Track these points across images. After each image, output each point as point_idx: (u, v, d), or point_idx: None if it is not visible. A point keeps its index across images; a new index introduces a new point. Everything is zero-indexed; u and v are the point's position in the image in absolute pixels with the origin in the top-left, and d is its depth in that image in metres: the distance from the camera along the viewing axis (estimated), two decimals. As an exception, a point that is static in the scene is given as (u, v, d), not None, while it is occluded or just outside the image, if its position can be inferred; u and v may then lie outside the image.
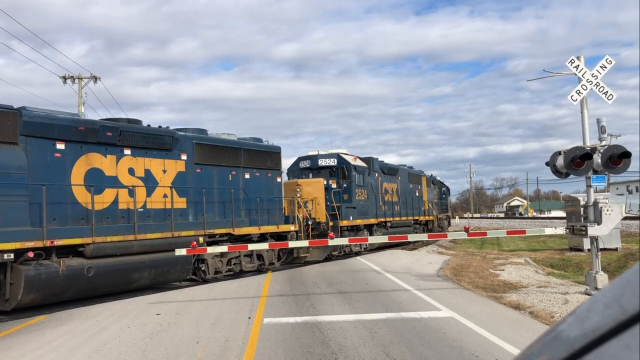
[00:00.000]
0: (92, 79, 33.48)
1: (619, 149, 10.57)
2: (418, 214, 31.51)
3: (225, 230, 16.45)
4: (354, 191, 23.00)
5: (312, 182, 22.24)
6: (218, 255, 16.02)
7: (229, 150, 17.35)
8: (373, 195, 24.94)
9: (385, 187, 27.09)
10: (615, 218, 11.13)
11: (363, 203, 23.77)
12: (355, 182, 23.12)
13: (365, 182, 24.16)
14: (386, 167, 27.77)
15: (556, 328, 0.85)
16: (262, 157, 18.70)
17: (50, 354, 7.69)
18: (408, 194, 30.32)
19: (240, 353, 7.18)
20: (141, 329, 8.98)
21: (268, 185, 18.70)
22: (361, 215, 23.44)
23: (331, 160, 23.35)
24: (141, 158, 14.44)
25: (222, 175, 16.88)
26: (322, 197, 21.72)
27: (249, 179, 17.87)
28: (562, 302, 10.23)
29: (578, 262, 19.40)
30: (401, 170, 30.23)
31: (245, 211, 17.50)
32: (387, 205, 26.99)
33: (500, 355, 6.69)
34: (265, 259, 18.17)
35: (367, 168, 24.83)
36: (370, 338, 7.80)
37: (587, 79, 11.36)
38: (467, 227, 13.16)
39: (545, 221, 55.05)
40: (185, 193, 15.52)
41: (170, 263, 14.28)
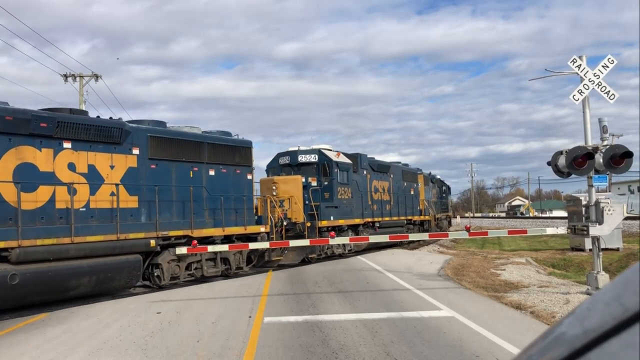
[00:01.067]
0: (93, 77, 33.51)
1: (620, 149, 10.55)
2: (412, 214, 30.01)
3: (183, 232, 14.89)
4: (336, 189, 21.60)
5: (289, 180, 20.78)
6: (174, 260, 14.67)
7: (190, 144, 15.76)
8: (359, 193, 23.56)
9: (375, 185, 25.76)
10: (617, 218, 11.12)
11: (347, 202, 22.34)
12: (337, 179, 21.72)
13: (349, 179, 22.70)
14: (376, 164, 26.42)
15: (557, 327, 0.84)
16: (230, 152, 17.08)
17: (51, 352, 7.69)
18: (401, 193, 28.88)
19: (240, 352, 7.19)
20: (142, 328, 8.98)
21: (236, 183, 17.15)
22: (344, 215, 22.05)
23: (312, 157, 21.87)
24: (84, 152, 12.91)
25: (182, 172, 15.34)
26: (299, 196, 20.37)
27: (214, 175, 16.31)
28: (564, 302, 10.22)
29: (579, 262, 19.39)
30: (394, 167, 28.81)
31: (209, 211, 15.97)
32: (377, 204, 25.71)
33: (501, 354, 6.68)
34: (232, 263, 16.61)
35: (353, 165, 23.45)
36: (370, 337, 7.80)
37: (589, 79, 11.34)
38: (469, 227, 13.17)
39: (546, 221, 55.00)
40: (137, 191, 14.04)
41: (115, 268, 13.00)
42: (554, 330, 0.85)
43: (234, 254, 16.59)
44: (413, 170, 32.34)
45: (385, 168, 27.45)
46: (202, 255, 15.49)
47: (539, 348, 0.85)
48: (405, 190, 29.55)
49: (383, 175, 26.93)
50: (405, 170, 30.63)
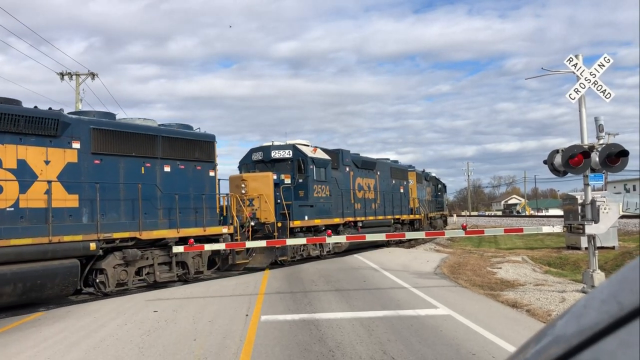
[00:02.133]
0: (90, 75, 33.41)
1: (616, 148, 10.58)
2: (401, 213, 28.52)
3: (129, 233, 13.48)
4: (312, 187, 20.30)
5: (259, 177, 19.47)
6: (121, 265, 13.39)
7: (142, 137, 14.32)
8: (339, 191, 22.30)
9: (359, 182, 24.60)
10: (613, 216, 11.15)
11: (324, 201, 21.02)
12: (313, 176, 20.39)
13: (327, 176, 21.36)
14: (360, 160, 25.17)
15: (553, 324, 0.85)
16: (189, 146, 15.68)
17: (47, 350, 7.68)
18: (390, 191, 27.68)
19: (237, 350, 7.18)
20: (138, 326, 8.97)
21: (197, 180, 15.77)
22: (321, 215, 20.76)
23: (286, 152, 20.54)
24: (12, 145, 11.65)
25: (132, 168, 13.95)
26: (270, 194, 18.98)
27: (170, 172, 14.94)
28: (559, 301, 10.25)
29: (575, 261, 19.45)
30: (381, 164, 27.57)
31: (164, 211, 14.62)
32: (361, 202, 24.47)
33: (497, 352, 6.70)
34: (191, 267, 15.24)
35: (333, 161, 22.22)
36: (367, 336, 7.80)
37: (586, 78, 11.37)
38: (465, 225, 13.18)
39: (542, 219, 55.09)
40: (78, 189, 12.70)
41: (46, 275, 11.60)
42: (550, 328, 0.85)
43: (193, 256, 15.31)
44: (403, 168, 31.16)
45: (371, 165, 26.31)
46: (154, 259, 14.28)
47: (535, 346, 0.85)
48: (393, 188, 28.39)
49: (369, 173, 25.81)
50: (394, 167, 29.43)
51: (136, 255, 13.52)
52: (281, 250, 18.32)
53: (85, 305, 11.79)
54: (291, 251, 19.07)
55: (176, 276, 14.88)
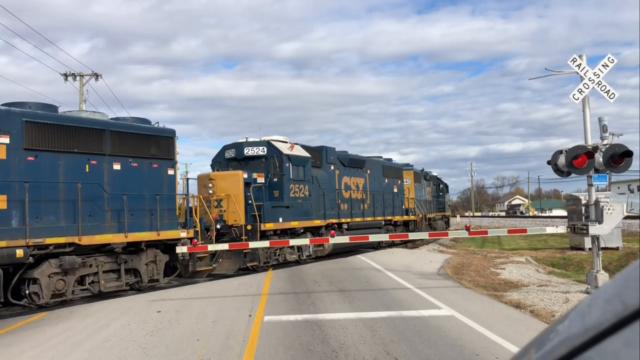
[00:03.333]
0: (93, 76, 33.49)
1: (620, 148, 10.55)
2: (393, 214, 27.01)
3: (66, 238, 12.00)
4: (287, 186, 18.93)
5: (228, 176, 18.18)
6: (59, 273, 12.04)
7: (87, 132, 12.79)
8: (320, 191, 20.85)
9: (345, 181, 23.24)
10: (617, 217, 11.12)
11: (302, 201, 19.61)
12: (289, 175, 19.01)
13: (306, 175, 19.94)
14: (347, 158, 23.80)
15: (557, 324, 0.84)
16: (144, 142, 14.14)
17: (51, 350, 7.69)
18: (381, 191, 26.21)
19: (240, 351, 7.19)
20: (142, 327, 8.98)
21: (153, 179, 14.23)
22: (299, 216, 19.37)
23: (260, 149, 19.11)
24: None
25: (74, 166, 12.45)
26: (239, 194, 17.66)
27: (120, 170, 13.46)
28: (563, 301, 10.22)
29: (579, 261, 19.39)
30: (371, 162, 26.20)
31: (112, 213, 13.15)
32: (348, 203, 23.12)
33: (500, 353, 6.68)
34: (144, 275, 13.84)
35: (315, 159, 20.98)
36: (370, 336, 7.80)
37: (589, 78, 11.34)
38: (468, 226, 13.16)
39: (546, 220, 55.00)
40: (7, 189, 11.31)
41: None
42: (555, 327, 0.85)
43: (146, 263, 13.97)
44: (397, 166, 29.64)
45: (360, 163, 24.90)
46: (99, 267, 12.89)
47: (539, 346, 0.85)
48: (386, 188, 26.94)
49: (357, 171, 24.46)
50: (386, 166, 27.97)
51: (74, 263, 12.02)
52: (251, 255, 17.14)
53: (88, 306, 11.82)
54: (264, 256, 17.69)
55: (125, 285, 13.46)
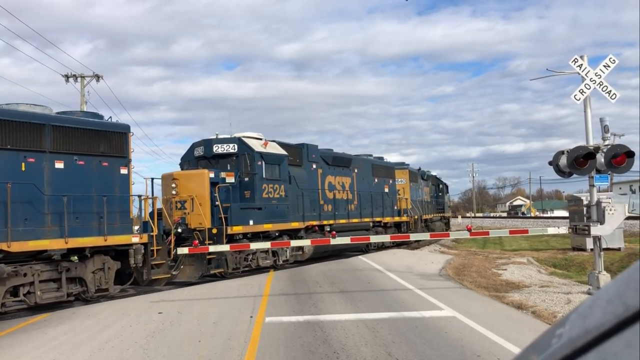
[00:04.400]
0: (95, 77, 33.54)
1: (622, 149, 10.54)
2: (383, 215, 25.71)
3: None
4: (259, 187, 17.63)
5: (192, 175, 16.97)
6: None
7: (23, 126, 11.56)
8: (299, 191, 19.56)
9: (330, 181, 22.01)
10: (618, 218, 11.10)
11: (277, 202, 18.34)
12: (261, 174, 17.74)
13: (282, 174, 18.65)
14: (331, 156, 22.55)
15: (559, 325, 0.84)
16: (92, 138, 12.79)
17: (52, 351, 7.70)
18: (370, 191, 24.98)
19: (241, 352, 7.19)
20: (143, 328, 8.99)
21: (102, 179, 12.89)
22: (273, 218, 18.07)
23: (230, 147, 17.89)
24: None
25: (7, 164, 11.27)
26: (205, 195, 16.35)
27: (64, 169, 12.16)
28: (565, 302, 10.21)
29: (581, 262, 19.38)
30: (359, 160, 25.03)
31: (53, 216, 11.85)
32: (333, 204, 21.90)
33: (502, 354, 6.68)
34: (90, 284, 12.43)
35: (294, 157, 19.88)
36: (372, 337, 7.79)
37: (591, 79, 11.33)
38: (470, 227, 13.16)
39: (548, 221, 54.96)
40: None
41: None
42: (556, 328, 0.85)
43: (93, 271, 12.60)
44: (388, 165, 28.35)
45: (346, 162, 23.68)
46: (35, 276, 11.52)
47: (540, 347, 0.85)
48: (375, 188, 25.72)
49: (343, 170, 23.25)
50: (376, 165, 26.75)
51: (2, 272, 10.82)
52: (216, 261, 15.90)
53: (89, 307, 11.83)
54: (233, 262, 16.44)
55: (68, 296, 12.09)
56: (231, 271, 16.38)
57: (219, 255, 15.67)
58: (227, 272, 16.27)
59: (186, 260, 15.39)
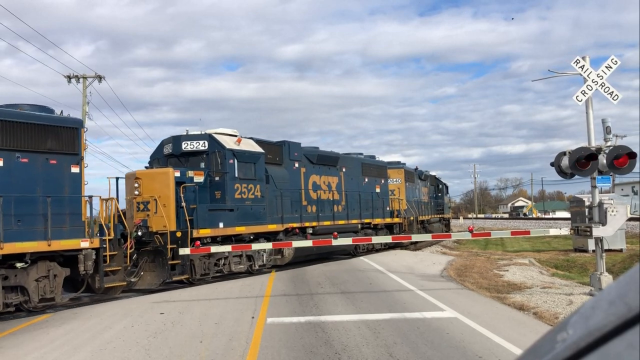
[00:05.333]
0: (97, 78, 33.60)
1: (624, 150, 10.53)
2: (372, 216, 24.41)
3: None
4: (231, 186, 16.34)
5: (156, 174, 15.67)
6: None
7: None
8: (277, 191, 18.40)
9: (314, 181, 20.92)
10: (620, 219, 11.09)
11: (252, 203, 17.04)
12: (233, 173, 16.46)
13: (257, 173, 17.37)
14: (315, 154, 21.36)
15: (561, 326, 0.84)
16: (38, 134, 11.76)
17: (54, 352, 7.72)
18: (359, 191, 23.76)
19: (243, 352, 7.19)
20: (145, 328, 9.00)
21: (50, 178, 11.87)
22: (247, 220, 16.83)
23: (200, 144, 16.61)
24: None
25: None
26: (169, 196, 15.03)
27: (3, 167, 11.17)
28: (567, 303, 10.20)
29: (582, 263, 19.35)
30: (347, 159, 23.72)
31: None
32: (318, 204, 20.75)
33: (503, 355, 6.67)
34: (33, 293, 11.33)
35: (273, 155, 18.82)
36: (373, 338, 7.79)
37: (593, 80, 11.32)
38: (472, 228, 13.14)
39: (549, 222, 54.91)
40: None
41: None
42: (558, 330, 0.85)
43: (37, 279, 11.45)
44: (380, 164, 27.04)
45: (332, 160, 22.44)
46: None
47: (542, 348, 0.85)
48: (366, 188, 24.54)
49: (329, 170, 22.09)
50: (366, 164, 25.45)
51: None
52: (181, 267, 14.65)
53: (92, 307, 11.85)
54: (202, 267, 15.29)
55: (6, 306, 11.02)
56: (199, 277, 15.18)
57: (183, 261, 14.59)
58: (194, 278, 15.06)
59: (147, 266, 14.30)
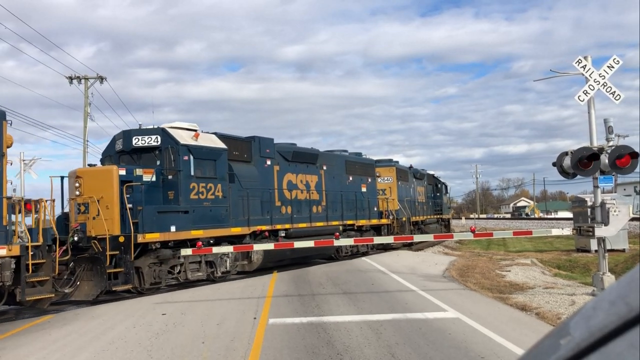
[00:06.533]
0: (98, 79, 33.65)
1: (626, 149, 10.51)
2: (356, 217, 22.83)
3: None
4: (186, 185, 14.82)
5: (98, 172, 14.18)
6: None
7: None
8: (244, 191, 16.89)
9: (289, 179, 19.52)
10: (623, 219, 11.07)
11: (211, 204, 15.53)
12: (189, 171, 14.96)
13: (218, 171, 15.86)
14: (290, 151, 19.88)
15: (562, 326, 0.84)
16: None
17: (56, 353, 7.73)
18: (341, 190, 22.22)
19: (245, 353, 7.19)
20: (147, 329, 9.00)
21: None
22: (206, 223, 15.29)
23: (152, 139, 15.06)
24: None
25: None
26: (113, 196, 13.53)
27: None
28: (569, 304, 10.19)
29: (585, 263, 19.32)
30: (327, 156, 22.29)
31: None
32: (294, 205, 19.41)
33: (505, 356, 6.66)
34: None
35: (240, 152, 17.45)
36: (375, 339, 7.79)
37: (595, 79, 11.31)
38: (473, 228, 13.13)
39: (552, 222, 54.85)
40: None
41: None
42: (559, 330, 0.85)
43: None
44: (366, 162, 25.44)
45: (311, 157, 20.96)
46: None
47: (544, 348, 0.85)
48: (350, 187, 23.03)
49: (307, 167, 20.63)
50: (351, 161, 23.84)
51: None
52: (124, 276, 13.07)
53: (93, 308, 11.86)
54: (150, 276, 13.95)
55: None
56: (148, 287, 13.86)
57: (127, 269, 13.13)
58: (143, 288, 13.80)
59: (85, 275, 12.80)
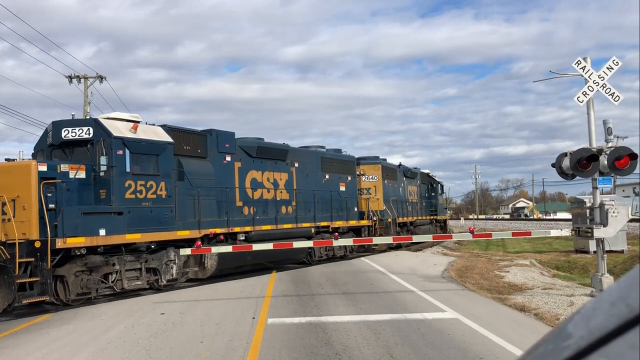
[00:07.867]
0: (98, 78, 33.61)
1: (625, 151, 10.51)
2: (331, 218, 21.20)
3: None
4: (120, 184, 13.11)
5: (13, 168, 12.42)
6: None
7: None
8: (194, 190, 15.25)
9: (254, 177, 17.92)
10: (621, 220, 11.08)
11: (153, 204, 13.82)
12: (124, 167, 13.27)
13: (162, 168, 14.16)
14: (255, 147, 18.17)
15: (562, 327, 0.84)
16: None
17: (55, 352, 7.72)
18: (315, 190, 20.50)
19: (244, 353, 7.19)
20: (146, 329, 9.00)
21: None
22: (144, 226, 13.53)
23: (83, 131, 13.24)
24: None
25: None
26: (31, 196, 11.83)
27: None
28: (568, 304, 10.19)
29: (584, 264, 19.32)
30: (299, 153, 20.64)
31: None
32: (259, 206, 17.88)
33: (504, 356, 6.67)
34: None
35: (193, 147, 15.73)
36: (374, 339, 7.79)
37: (594, 81, 11.31)
38: (472, 229, 13.14)
39: (550, 223, 54.83)
40: None
41: None
42: (559, 330, 0.85)
43: None
44: (345, 159, 23.57)
45: (280, 154, 19.33)
46: None
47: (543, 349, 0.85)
48: (326, 186, 21.32)
49: (276, 165, 19.09)
50: (327, 158, 22.13)
51: None
52: (40, 286, 11.43)
53: (92, 308, 11.84)
54: (77, 286, 12.27)
55: None
56: (75, 297, 12.22)
57: (42, 278, 11.46)
58: (68, 299, 12.15)
59: None
